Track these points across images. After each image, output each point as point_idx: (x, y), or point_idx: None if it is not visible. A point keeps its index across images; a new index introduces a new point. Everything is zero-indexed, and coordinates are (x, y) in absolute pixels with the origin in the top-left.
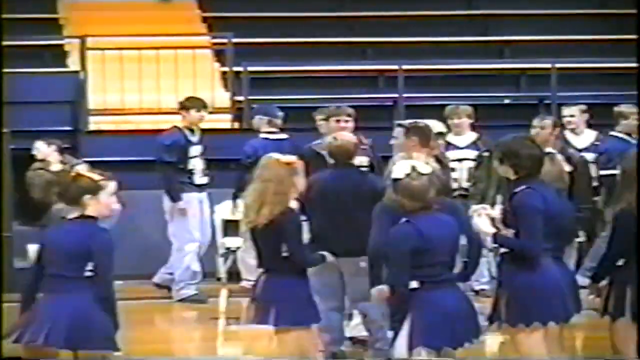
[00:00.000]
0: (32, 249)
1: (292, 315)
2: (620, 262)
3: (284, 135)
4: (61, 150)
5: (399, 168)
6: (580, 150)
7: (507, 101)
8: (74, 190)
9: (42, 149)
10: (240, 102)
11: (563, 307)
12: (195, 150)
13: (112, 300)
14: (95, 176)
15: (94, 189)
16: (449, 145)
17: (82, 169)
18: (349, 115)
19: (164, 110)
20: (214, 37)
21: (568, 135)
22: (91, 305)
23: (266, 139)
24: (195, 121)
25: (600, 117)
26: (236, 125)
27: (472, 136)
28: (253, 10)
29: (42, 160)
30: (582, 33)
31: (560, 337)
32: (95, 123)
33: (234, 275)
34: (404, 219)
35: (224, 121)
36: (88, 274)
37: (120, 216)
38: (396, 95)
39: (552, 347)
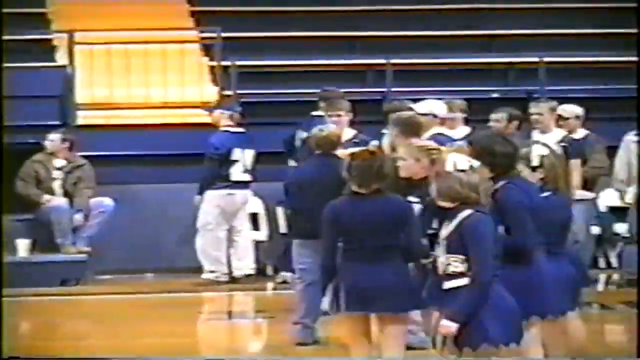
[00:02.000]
0: (22, 243)
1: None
2: None
3: (242, 129)
4: (71, 147)
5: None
6: None
7: (495, 95)
8: None
9: (55, 142)
10: (228, 96)
11: (559, 301)
12: None
13: None
14: None
15: None
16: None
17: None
18: (340, 110)
19: (152, 105)
20: (202, 32)
21: (535, 134)
22: None
23: (227, 131)
24: None
25: (590, 110)
26: None
27: (465, 130)
28: (241, 4)
29: (50, 154)
30: (570, 26)
31: (557, 332)
32: (83, 117)
33: None
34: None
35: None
36: None
37: (111, 211)
38: (385, 89)
39: (550, 343)
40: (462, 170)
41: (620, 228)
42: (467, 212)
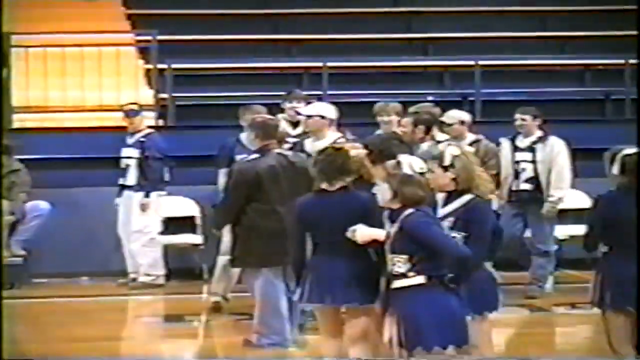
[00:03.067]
0: None
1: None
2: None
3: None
4: (7, 152)
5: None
6: None
7: (430, 98)
8: None
9: None
10: (164, 99)
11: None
12: None
13: None
14: None
15: None
16: None
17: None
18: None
19: (87, 108)
20: (138, 35)
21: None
22: None
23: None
24: None
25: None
26: (160, 122)
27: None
28: (177, 7)
29: None
30: (505, 30)
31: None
32: (18, 120)
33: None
34: None
35: (148, 118)
36: None
37: (47, 215)
38: (321, 92)
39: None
40: (422, 173)
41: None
42: (408, 211)
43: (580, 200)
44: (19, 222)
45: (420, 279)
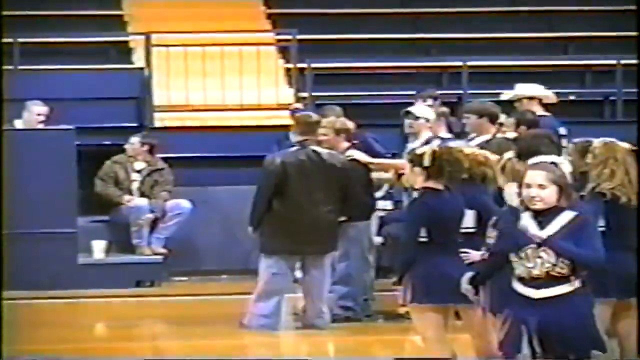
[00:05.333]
0: (97, 244)
1: None
2: None
3: None
4: (151, 150)
5: None
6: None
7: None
8: None
9: (135, 145)
10: (304, 98)
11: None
12: None
13: None
14: None
15: None
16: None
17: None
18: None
19: (228, 107)
20: (278, 34)
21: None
22: None
23: None
24: None
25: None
26: None
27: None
28: (317, 6)
29: (130, 156)
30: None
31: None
32: (160, 120)
33: None
34: None
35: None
36: None
37: (188, 213)
38: (461, 91)
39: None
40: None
41: None
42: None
43: None
44: (159, 220)
45: (578, 284)
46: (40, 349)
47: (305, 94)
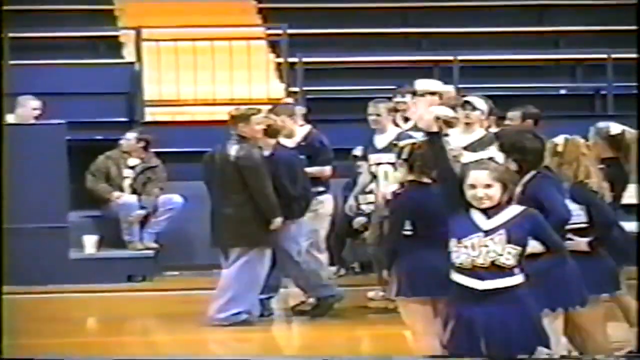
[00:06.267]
0: (89, 239)
1: None
2: None
3: None
4: (146, 147)
5: None
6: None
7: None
8: None
9: (131, 142)
10: (295, 93)
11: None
12: None
13: None
14: None
15: None
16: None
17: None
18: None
19: (218, 102)
20: (268, 28)
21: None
22: None
23: None
24: None
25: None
26: None
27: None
28: (308, 1)
29: (124, 152)
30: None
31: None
32: (150, 114)
33: None
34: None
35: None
36: None
37: (180, 208)
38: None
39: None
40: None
41: None
42: None
43: None
44: (151, 215)
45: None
46: (31, 344)
47: (296, 89)
